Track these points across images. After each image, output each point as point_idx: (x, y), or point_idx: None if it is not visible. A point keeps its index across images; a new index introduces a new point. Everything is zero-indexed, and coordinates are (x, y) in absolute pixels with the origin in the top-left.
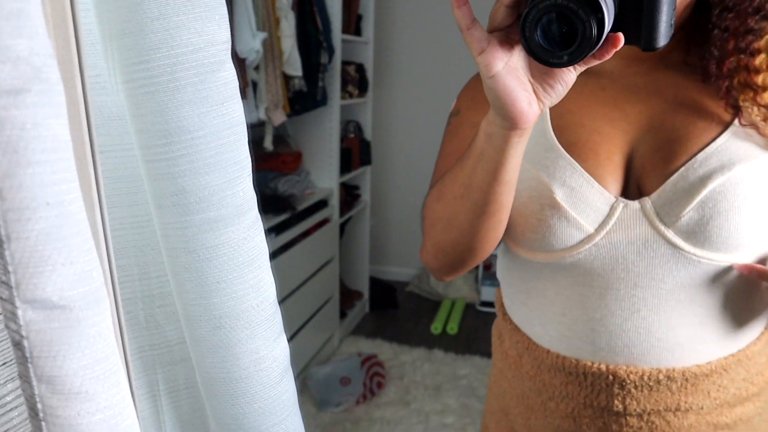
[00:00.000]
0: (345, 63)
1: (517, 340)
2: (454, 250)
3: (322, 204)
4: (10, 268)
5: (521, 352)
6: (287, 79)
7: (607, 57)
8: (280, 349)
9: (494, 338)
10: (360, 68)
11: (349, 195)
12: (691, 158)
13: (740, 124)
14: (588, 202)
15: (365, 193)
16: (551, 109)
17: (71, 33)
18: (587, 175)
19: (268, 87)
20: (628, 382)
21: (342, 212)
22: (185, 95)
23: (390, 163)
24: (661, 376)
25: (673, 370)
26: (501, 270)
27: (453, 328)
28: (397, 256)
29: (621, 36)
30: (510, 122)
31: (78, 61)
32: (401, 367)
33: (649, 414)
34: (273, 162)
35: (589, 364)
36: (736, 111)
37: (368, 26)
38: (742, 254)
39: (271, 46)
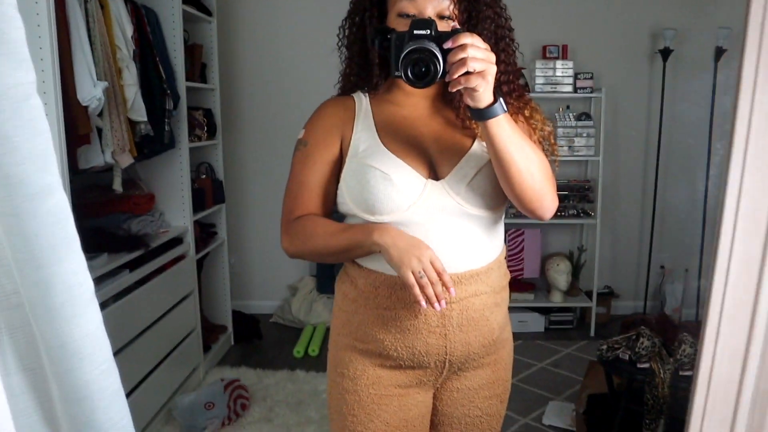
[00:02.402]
0: (192, 108)
1: (374, 278)
2: (311, 258)
3: (176, 241)
4: None
5: (377, 285)
6: (133, 124)
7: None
8: (86, 278)
9: (345, 287)
10: (208, 113)
11: (205, 232)
12: (461, 158)
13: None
14: (411, 182)
15: (222, 230)
16: (379, 130)
17: None
18: (409, 167)
19: (114, 132)
20: (452, 281)
21: (198, 249)
22: (6, 115)
23: (245, 201)
24: (466, 275)
25: (470, 271)
26: None
27: (314, 350)
28: (259, 289)
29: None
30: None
31: None
32: (265, 389)
33: (462, 300)
34: (125, 204)
35: None
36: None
37: (214, 74)
38: (496, 210)
39: (114, 93)
